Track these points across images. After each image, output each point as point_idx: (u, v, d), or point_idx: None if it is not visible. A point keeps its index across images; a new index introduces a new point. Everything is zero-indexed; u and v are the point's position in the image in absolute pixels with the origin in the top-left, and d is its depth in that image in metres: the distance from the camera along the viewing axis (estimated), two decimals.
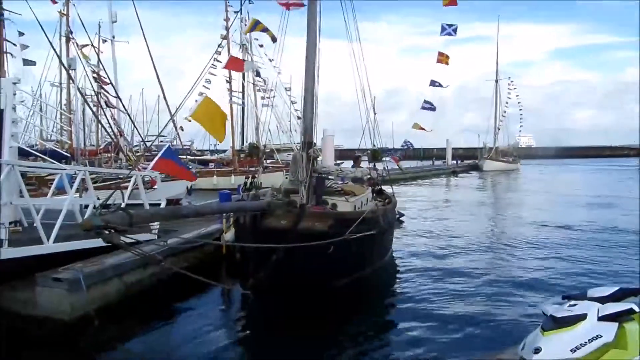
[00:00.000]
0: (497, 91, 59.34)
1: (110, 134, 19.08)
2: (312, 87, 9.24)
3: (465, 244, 12.66)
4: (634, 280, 8.35)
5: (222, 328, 7.01)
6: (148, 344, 6.53)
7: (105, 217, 4.55)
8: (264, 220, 6.86)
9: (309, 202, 8.24)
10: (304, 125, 9.32)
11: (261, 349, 6.27)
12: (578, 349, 3.01)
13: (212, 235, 10.15)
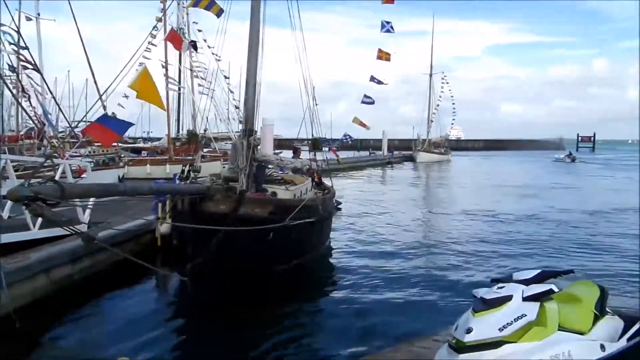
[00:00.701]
0: (431, 85, 61.61)
1: (33, 119, 17.81)
2: (254, 75, 9.12)
3: (400, 232, 13.13)
4: (553, 263, 9.02)
5: (158, 316, 6.84)
6: (79, 340, 6.24)
7: (35, 188, 4.18)
8: (203, 204, 6.75)
9: (249, 190, 8.19)
10: (245, 113, 9.19)
11: (198, 335, 6.19)
12: (505, 328, 3.24)
13: (146, 227, 9.82)
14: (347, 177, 31.45)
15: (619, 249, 10.93)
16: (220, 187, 7.23)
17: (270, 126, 17.99)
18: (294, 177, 10.72)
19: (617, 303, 5.09)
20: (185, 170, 9.33)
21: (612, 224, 14.60)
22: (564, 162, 54.43)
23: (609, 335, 3.88)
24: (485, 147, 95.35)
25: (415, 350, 4.67)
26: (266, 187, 8.88)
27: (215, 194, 6.89)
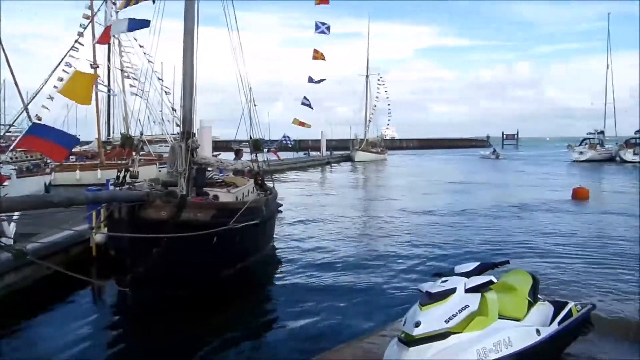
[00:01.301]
0: (368, 86, 62.94)
1: None
2: (190, 76, 8.89)
3: (341, 229, 13.30)
4: (488, 255, 9.49)
5: (96, 330, 6.47)
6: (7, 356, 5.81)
7: None
8: (142, 211, 6.49)
9: (189, 194, 7.98)
10: (182, 115, 8.94)
11: (141, 347, 5.96)
12: (451, 319, 3.39)
13: (79, 237, 9.29)
14: (287, 178, 31.45)
15: (546, 238, 11.72)
16: (159, 192, 6.98)
17: (209, 128, 17.65)
18: (235, 179, 10.57)
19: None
20: (120, 176, 8.90)
21: (538, 215, 15.62)
22: (489, 158, 58.02)
23: (542, 320, 4.16)
24: (419, 146, 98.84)
25: (364, 346, 4.77)
26: (207, 191, 8.70)
27: (154, 200, 6.66)
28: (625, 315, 6.17)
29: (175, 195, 7.02)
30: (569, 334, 4.40)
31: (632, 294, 7.12)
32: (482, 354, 3.28)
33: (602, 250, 10.36)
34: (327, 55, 16.86)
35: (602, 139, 55.36)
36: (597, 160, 49.03)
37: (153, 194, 6.79)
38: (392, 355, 3.43)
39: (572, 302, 4.76)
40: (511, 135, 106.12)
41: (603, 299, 6.77)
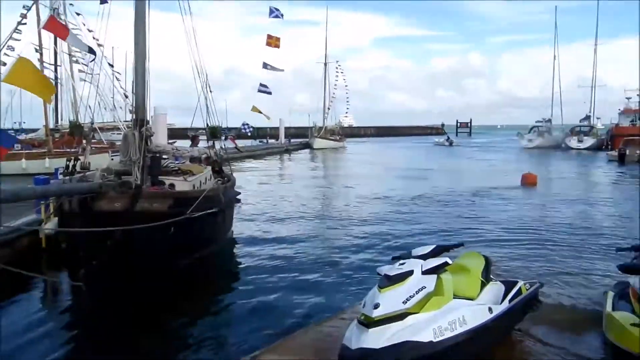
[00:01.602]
0: (326, 74, 62.92)
1: None
2: (142, 62, 8.60)
3: (300, 217, 13.35)
4: (444, 238, 9.77)
5: (48, 328, 6.23)
6: None
7: None
8: (95, 203, 6.28)
9: (144, 183, 7.78)
10: (135, 102, 8.66)
11: (97, 342, 5.80)
12: (408, 300, 3.48)
13: (26, 228, 8.89)
14: (245, 166, 31.15)
15: (497, 222, 12.19)
16: (113, 182, 6.76)
17: (164, 115, 17.15)
18: (192, 166, 10.38)
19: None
20: (69, 165, 8.55)
21: (490, 200, 16.21)
22: (443, 145, 60.27)
23: (494, 298, 4.34)
24: (377, 134, 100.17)
25: (324, 330, 4.83)
26: (163, 180, 8.50)
27: (108, 191, 6.45)
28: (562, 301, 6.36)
29: (129, 185, 6.83)
30: (519, 311, 4.61)
31: (574, 275, 7.52)
32: (438, 333, 3.39)
33: (548, 233, 10.89)
34: (286, 42, 16.74)
35: (550, 127, 57.87)
36: (545, 147, 51.24)
37: (106, 185, 6.57)
38: (351, 337, 3.50)
39: (521, 281, 4.99)
40: (465, 123, 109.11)
41: (548, 279, 7.13)
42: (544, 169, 29.12)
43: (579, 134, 52.00)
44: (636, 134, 40.58)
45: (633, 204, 16.36)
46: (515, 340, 4.73)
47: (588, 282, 7.13)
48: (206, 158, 11.24)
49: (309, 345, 4.49)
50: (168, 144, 13.78)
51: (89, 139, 10.97)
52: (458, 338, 3.46)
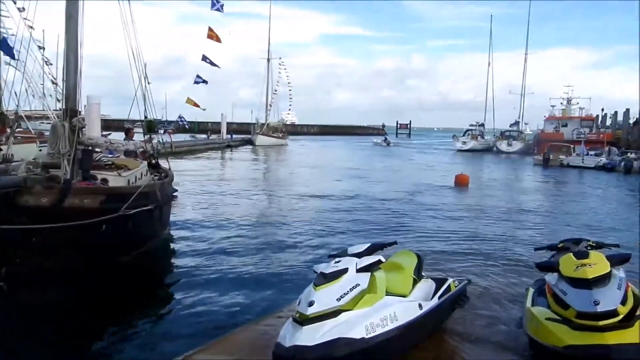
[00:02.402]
0: (269, 69, 62.52)
1: None
2: (74, 48, 8.16)
3: (240, 214, 13.20)
4: (379, 236, 10.04)
5: None
6: None
7: None
8: (19, 198, 5.91)
9: (74, 178, 7.40)
10: (65, 90, 8.20)
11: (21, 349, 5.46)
12: (342, 298, 3.56)
13: None
14: (184, 161, 30.37)
15: (431, 220, 12.68)
16: (39, 177, 6.39)
17: (97, 104, 16.40)
18: (127, 161, 9.99)
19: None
20: None
21: (425, 199, 16.82)
22: (381, 145, 62.52)
23: (425, 295, 4.53)
24: (320, 132, 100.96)
25: (261, 328, 4.83)
26: (95, 174, 8.13)
27: (33, 186, 6.09)
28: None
29: (57, 179, 6.48)
30: (448, 307, 4.84)
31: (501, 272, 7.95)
32: (370, 329, 3.49)
33: (478, 231, 11.46)
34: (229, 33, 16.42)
35: (482, 131, 60.94)
36: (478, 149, 53.85)
37: (32, 179, 6.21)
38: (286, 335, 3.53)
39: (451, 278, 5.23)
40: (404, 124, 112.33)
41: (477, 276, 7.52)
42: (476, 171, 30.60)
43: (509, 139, 55.02)
44: (559, 140, 43.60)
45: (555, 203, 17.59)
46: (443, 335, 4.95)
47: (514, 279, 7.55)
48: (142, 152, 10.87)
49: (245, 344, 4.48)
50: (102, 136, 13.19)
51: (13, 128, 10.28)
52: (389, 334, 3.58)
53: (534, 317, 4.18)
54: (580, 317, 3.71)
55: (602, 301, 3.66)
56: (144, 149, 10.66)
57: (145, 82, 10.22)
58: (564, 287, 3.98)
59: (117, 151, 10.41)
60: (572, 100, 55.80)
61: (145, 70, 10.26)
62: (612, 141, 43.20)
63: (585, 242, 4.81)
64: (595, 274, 3.86)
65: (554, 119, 55.09)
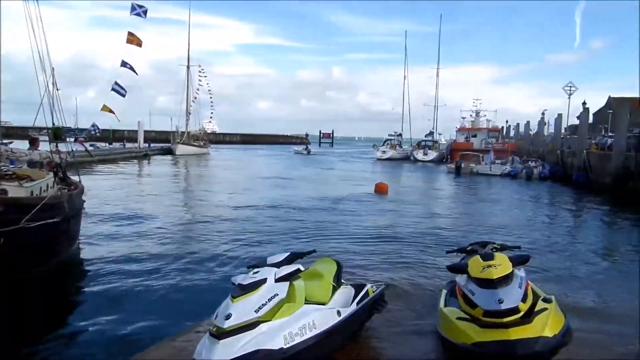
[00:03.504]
0: (189, 77, 60.94)
1: None
2: None
3: (157, 227, 12.65)
4: (301, 245, 10.08)
5: None
6: None
7: None
8: None
9: None
10: None
11: None
12: (261, 309, 3.53)
13: None
14: (98, 172, 28.66)
15: (351, 228, 12.95)
16: None
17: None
18: (31, 171, 9.25)
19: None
20: None
21: (345, 207, 17.17)
22: (302, 154, 64.12)
23: (344, 302, 4.61)
24: (242, 141, 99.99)
25: (177, 345, 4.66)
26: None
27: None
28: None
29: None
30: (366, 312, 4.96)
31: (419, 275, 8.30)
32: (288, 339, 3.49)
33: (396, 237, 11.89)
34: (148, 40, 15.82)
35: (400, 140, 63.69)
36: (397, 158, 56.07)
37: None
38: (202, 350, 3.43)
39: (369, 283, 5.37)
40: (327, 134, 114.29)
41: (395, 280, 7.79)
42: (395, 178, 31.82)
43: (424, 148, 57.87)
44: (469, 150, 46.55)
45: (466, 208, 18.70)
46: (363, 339, 5.06)
47: (429, 281, 7.90)
48: (49, 162, 10.12)
49: None
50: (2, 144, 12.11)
51: None
52: (308, 342, 3.60)
53: (445, 316, 4.40)
54: (486, 315, 3.95)
55: (506, 299, 3.93)
56: (50, 159, 9.93)
57: (54, 87, 9.54)
58: (472, 288, 4.23)
59: (19, 161, 9.62)
60: (480, 112, 60.13)
61: (53, 75, 9.57)
62: (515, 150, 46.87)
63: (491, 244, 5.14)
64: (500, 274, 4.14)
65: (464, 129, 58.80)
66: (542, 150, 43.81)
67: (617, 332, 5.61)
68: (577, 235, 14.02)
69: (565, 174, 31.52)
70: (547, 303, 4.19)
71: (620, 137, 24.38)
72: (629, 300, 7.20)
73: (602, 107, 64.85)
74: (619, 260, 10.74)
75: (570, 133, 42.59)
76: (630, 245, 12.57)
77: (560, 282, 8.08)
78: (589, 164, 28.52)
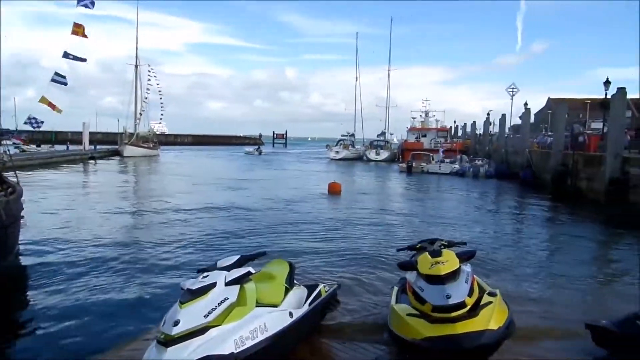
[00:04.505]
0: (138, 76, 58.96)
1: None
2: None
3: (103, 232, 12.12)
4: (254, 248, 9.96)
5: None
6: None
7: None
8: None
9: None
10: None
11: None
12: (210, 313, 3.46)
13: None
14: (39, 175, 27.24)
15: (304, 228, 12.96)
16: None
17: None
18: None
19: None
20: None
21: (299, 207, 17.16)
22: (253, 154, 64.46)
23: (297, 303, 4.60)
24: (194, 142, 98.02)
25: (124, 354, 4.51)
26: None
27: None
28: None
29: None
30: (319, 312, 4.98)
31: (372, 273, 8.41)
32: (239, 343, 3.44)
33: (349, 237, 12.00)
34: (94, 38, 15.18)
35: (353, 141, 64.40)
36: (350, 158, 56.66)
37: None
38: (150, 358, 3.32)
39: (322, 284, 5.39)
40: (281, 134, 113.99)
41: (348, 279, 7.85)
42: (348, 178, 32.13)
43: (377, 148, 58.77)
44: (420, 149, 47.73)
45: (417, 206, 19.13)
46: (315, 339, 5.07)
47: (382, 279, 8.01)
48: None
49: None
50: None
51: None
52: (259, 345, 3.56)
53: (396, 313, 4.48)
54: (435, 310, 4.05)
55: (453, 295, 4.05)
56: None
57: None
58: (421, 284, 4.33)
59: None
60: (430, 113, 61.77)
61: None
62: (463, 150, 48.47)
63: (439, 241, 5.29)
64: (447, 270, 4.26)
65: (415, 129, 60.21)
66: (488, 149, 45.55)
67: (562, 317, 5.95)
68: (520, 230, 14.69)
69: (509, 172, 32.89)
70: (492, 297, 4.35)
71: (559, 137, 25.69)
72: (569, 289, 7.66)
73: (542, 108, 68.19)
74: (559, 251, 11.34)
75: (513, 133, 44.45)
76: (567, 236, 13.33)
77: (507, 274, 8.45)
78: (531, 162, 29.91)
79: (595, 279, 8.79)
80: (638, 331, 4.42)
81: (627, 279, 8.68)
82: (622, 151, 17.92)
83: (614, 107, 19.31)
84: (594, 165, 20.16)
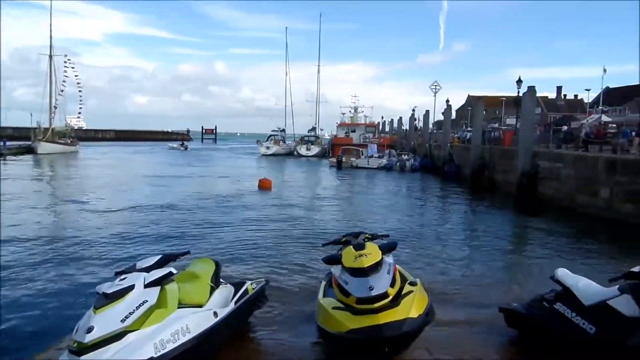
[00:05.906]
0: (53, 67, 55.03)
1: None
2: None
3: (22, 234, 11.29)
4: (176, 247, 9.66)
5: None
6: None
7: None
8: None
9: None
10: None
11: None
12: (128, 318, 3.29)
13: None
14: None
15: (233, 225, 12.77)
16: None
17: None
18: None
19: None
20: None
21: (229, 204, 16.89)
22: (178, 150, 63.20)
23: (223, 302, 4.51)
24: (117, 138, 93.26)
25: None
26: None
27: None
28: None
29: None
30: (246, 310, 4.90)
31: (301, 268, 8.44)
32: (159, 347, 3.31)
33: (278, 232, 11.98)
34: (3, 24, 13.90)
35: (284, 136, 64.22)
36: (281, 154, 56.52)
37: None
38: None
39: (249, 281, 5.32)
40: (210, 129, 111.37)
41: (277, 275, 7.84)
42: (279, 174, 32.05)
43: (307, 143, 59.08)
44: (349, 144, 48.59)
45: (345, 200, 19.50)
46: (243, 338, 5.01)
47: (310, 274, 8.07)
48: None
49: None
50: None
51: None
52: (181, 348, 3.45)
53: (322, 307, 4.51)
54: (359, 302, 4.13)
55: (376, 286, 4.15)
56: None
57: None
58: (346, 277, 4.40)
59: None
60: (359, 108, 63.05)
61: None
62: (390, 144, 49.93)
63: (363, 234, 5.39)
64: (370, 262, 4.36)
65: (344, 125, 61.20)
66: (413, 144, 47.30)
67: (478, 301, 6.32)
68: (442, 219, 15.43)
69: (433, 166, 34.37)
70: (413, 286, 4.51)
71: (477, 132, 27.22)
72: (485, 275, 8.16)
73: (463, 104, 71.91)
74: (475, 239, 12.06)
75: (437, 128, 46.47)
76: (483, 225, 14.22)
77: (427, 262, 8.87)
78: (452, 156, 31.46)
79: (508, 263, 9.45)
80: (544, 312, 4.77)
81: (536, 262, 9.41)
82: (532, 145, 19.31)
83: (525, 104, 20.75)
84: (508, 159, 21.58)
